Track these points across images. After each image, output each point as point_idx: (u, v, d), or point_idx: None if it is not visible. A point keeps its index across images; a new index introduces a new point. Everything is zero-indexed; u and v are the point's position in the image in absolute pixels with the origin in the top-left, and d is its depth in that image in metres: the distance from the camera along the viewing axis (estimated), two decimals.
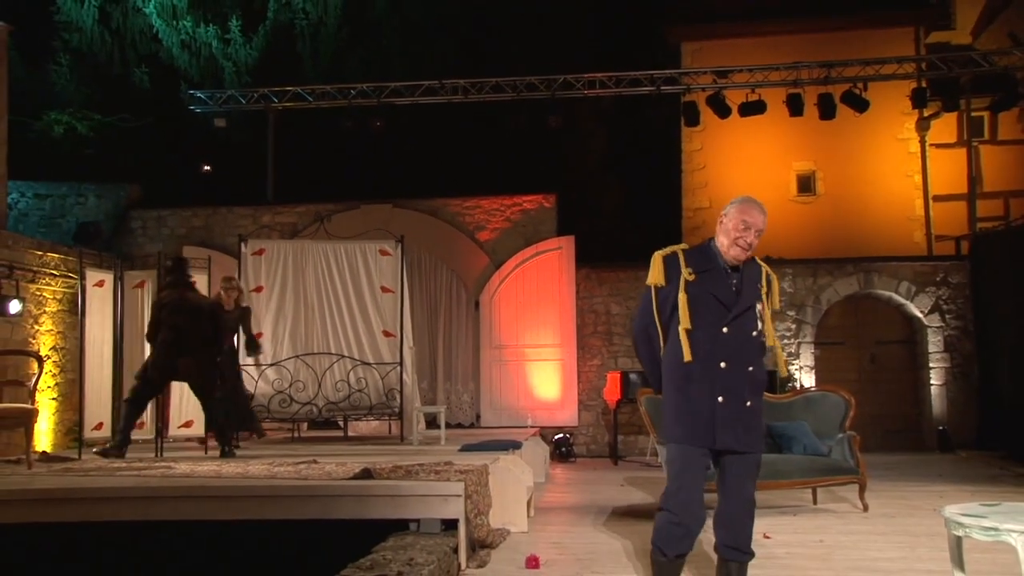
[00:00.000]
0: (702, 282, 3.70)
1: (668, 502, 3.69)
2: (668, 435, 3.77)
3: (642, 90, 13.10)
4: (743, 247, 3.71)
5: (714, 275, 3.73)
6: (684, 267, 3.72)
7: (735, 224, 3.72)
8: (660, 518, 3.71)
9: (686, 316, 3.67)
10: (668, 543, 3.67)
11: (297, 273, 9.45)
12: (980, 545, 3.56)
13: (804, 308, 12.16)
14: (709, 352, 3.66)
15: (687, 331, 3.66)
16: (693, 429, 3.67)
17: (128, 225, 12.70)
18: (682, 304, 3.68)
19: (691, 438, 3.67)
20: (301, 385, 9.15)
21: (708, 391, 3.66)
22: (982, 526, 3.39)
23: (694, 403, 3.66)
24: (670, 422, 3.75)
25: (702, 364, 3.66)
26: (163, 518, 5.19)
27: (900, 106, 14.34)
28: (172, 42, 15.51)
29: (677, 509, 3.66)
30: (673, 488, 3.70)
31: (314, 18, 15.78)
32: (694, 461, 3.69)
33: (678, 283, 3.71)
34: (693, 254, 3.79)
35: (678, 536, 3.66)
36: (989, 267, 11.51)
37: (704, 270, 3.73)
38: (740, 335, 3.71)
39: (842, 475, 6.83)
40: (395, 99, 13.23)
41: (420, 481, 5.26)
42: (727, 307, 3.69)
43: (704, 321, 3.67)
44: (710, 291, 3.70)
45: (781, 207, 15.50)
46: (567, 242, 12.13)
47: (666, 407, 3.78)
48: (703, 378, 3.66)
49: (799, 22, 15.30)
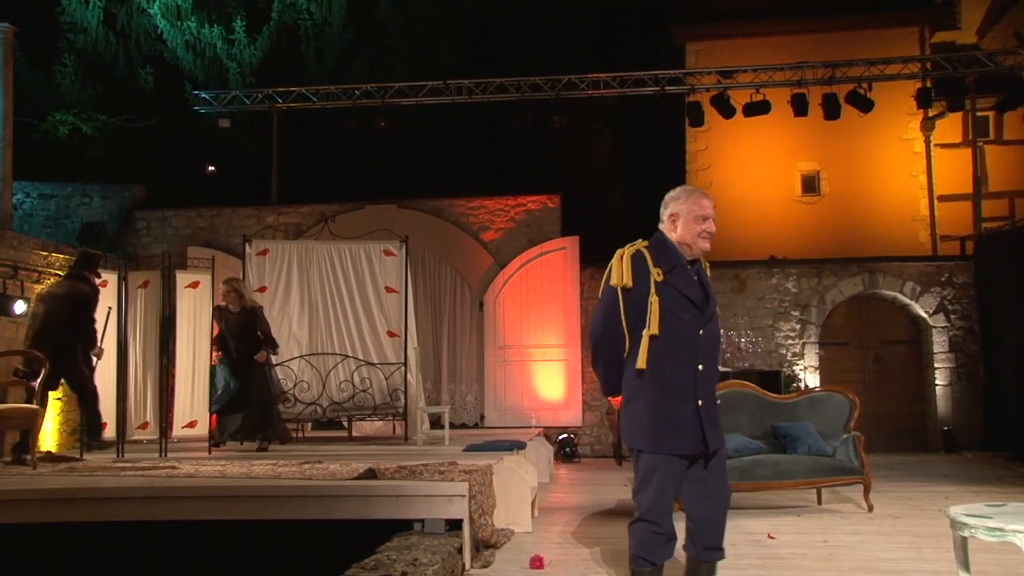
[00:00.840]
0: (671, 282, 3.51)
1: (647, 513, 3.52)
2: (646, 445, 3.54)
3: (646, 90, 13.10)
4: (708, 238, 3.57)
5: (680, 273, 3.54)
6: (652, 266, 3.50)
7: (694, 217, 3.56)
8: (639, 530, 3.55)
9: (655, 321, 3.45)
10: (653, 552, 3.53)
11: (301, 273, 9.46)
12: (985, 545, 3.55)
13: (808, 308, 12.14)
14: (689, 356, 3.50)
15: (652, 337, 3.45)
16: (678, 438, 3.49)
17: (133, 226, 12.73)
18: (653, 308, 3.47)
19: (675, 446, 3.50)
20: (305, 385, 9.15)
21: (690, 396, 3.49)
22: (987, 527, 3.38)
23: (676, 410, 3.48)
24: (647, 431, 3.52)
25: (682, 369, 3.49)
26: (167, 518, 5.20)
27: (905, 106, 14.32)
28: (176, 43, 15.54)
29: (657, 519, 3.51)
30: (650, 499, 3.52)
31: (318, 19, 15.79)
32: (674, 470, 3.53)
33: (647, 285, 3.49)
34: (658, 251, 3.57)
35: (661, 544, 3.54)
36: (994, 267, 11.48)
37: (670, 268, 3.53)
38: (712, 336, 3.58)
39: (847, 475, 6.82)
40: (399, 99, 13.25)
41: (424, 481, 5.26)
42: (699, 308, 3.53)
43: (681, 323, 3.50)
44: (682, 292, 3.52)
45: (785, 207, 15.50)
46: (571, 242, 12.12)
47: (639, 415, 3.54)
48: (684, 384, 3.49)
49: (803, 22, 15.30)
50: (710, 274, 3.73)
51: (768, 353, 12.05)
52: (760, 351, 12.09)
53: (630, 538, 3.59)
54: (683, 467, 3.55)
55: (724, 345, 11.92)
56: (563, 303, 11.92)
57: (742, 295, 12.19)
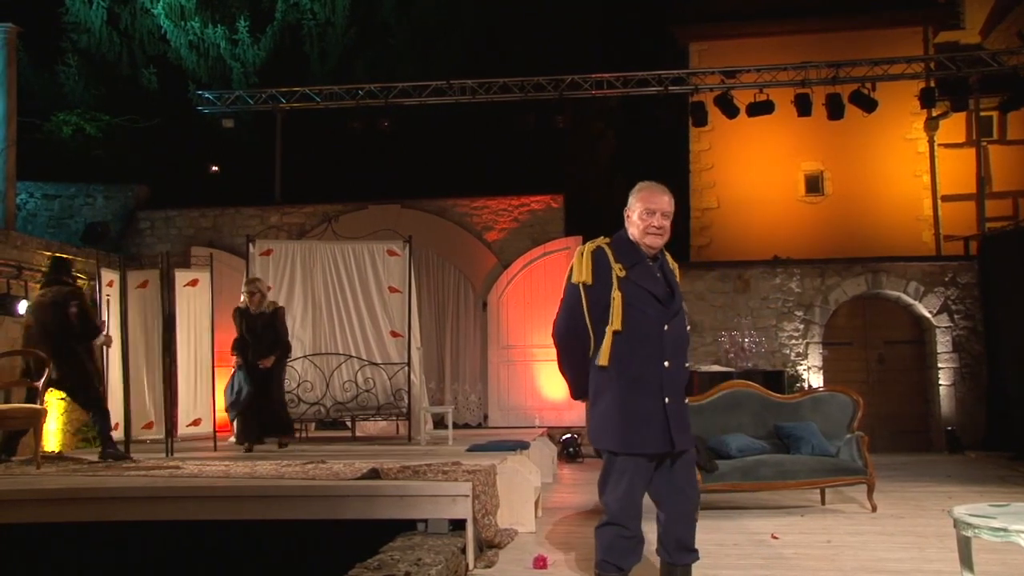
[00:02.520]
0: (634, 278, 3.46)
1: (616, 516, 3.46)
2: (613, 445, 3.46)
3: (650, 90, 13.10)
4: (655, 233, 3.52)
5: (643, 269, 3.50)
6: (614, 263, 3.47)
7: (639, 214, 3.53)
8: (607, 533, 3.49)
9: (618, 317, 3.40)
10: (623, 557, 3.47)
11: (305, 274, 9.46)
12: (989, 546, 3.55)
13: (812, 308, 12.13)
14: (653, 351, 3.45)
15: (616, 333, 3.40)
16: (646, 436, 3.42)
17: (136, 226, 12.75)
18: (616, 304, 3.42)
19: (643, 445, 3.43)
20: (309, 385, 9.16)
21: (656, 393, 3.44)
22: (991, 527, 3.38)
23: (642, 408, 3.42)
24: (613, 431, 3.45)
25: (647, 365, 3.44)
26: (171, 518, 5.20)
27: (909, 106, 14.31)
28: (180, 43, 15.56)
29: (626, 521, 3.45)
30: (617, 501, 3.45)
31: (322, 19, 15.81)
32: (642, 471, 3.47)
33: (609, 280, 3.45)
34: (619, 248, 3.53)
35: (631, 548, 3.48)
36: (998, 267, 11.47)
37: (632, 264, 3.49)
38: (677, 332, 3.53)
39: (850, 475, 6.81)
40: (403, 100, 13.26)
41: (428, 481, 5.26)
42: (663, 304, 3.49)
43: (646, 318, 3.44)
44: (645, 287, 3.47)
45: (789, 207, 15.50)
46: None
47: (605, 414, 3.48)
48: (650, 380, 3.43)
49: (807, 22, 15.30)
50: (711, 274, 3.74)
51: (772, 353, 12.04)
52: (764, 351, 12.08)
53: (597, 542, 3.53)
54: (651, 468, 3.50)
55: (727, 345, 11.92)
56: None
57: (745, 295, 12.18)
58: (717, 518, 6.29)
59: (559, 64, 13.72)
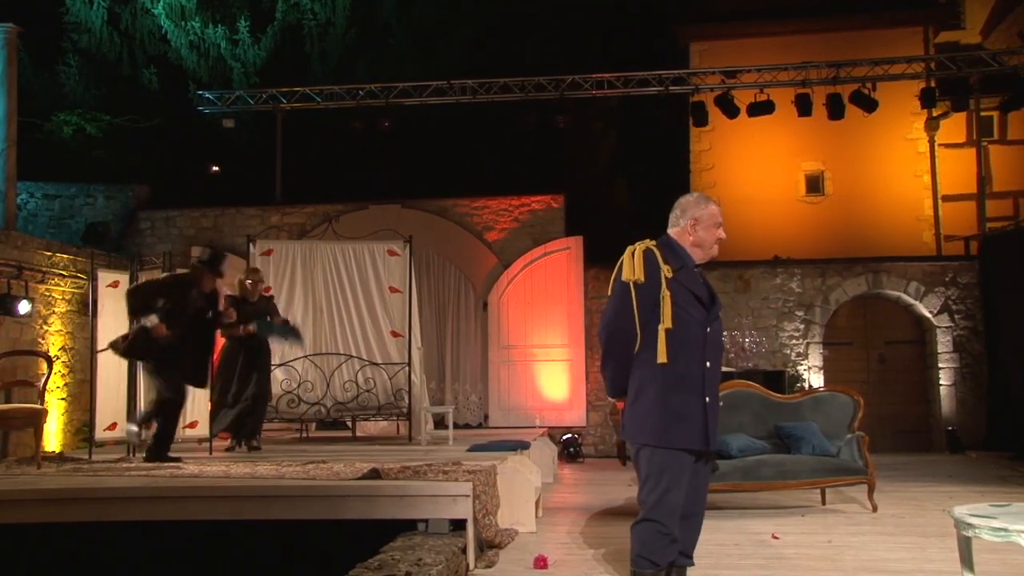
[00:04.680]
0: (680, 280, 3.55)
1: (653, 512, 3.50)
2: (653, 439, 3.54)
3: (650, 90, 13.10)
4: (719, 245, 3.70)
5: (688, 274, 3.60)
6: (663, 264, 3.54)
7: (706, 225, 3.65)
8: (645, 529, 3.53)
9: (668, 315, 3.49)
10: (659, 554, 3.50)
11: (305, 273, 9.46)
12: (990, 546, 3.55)
13: (813, 308, 12.13)
14: (697, 352, 3.54)
15: (667, 331, 3.48)
16: (686, 432, 3.50)
17: (137, 226, 12.76)
18: (666, 302, 3.50)
19: (685, 441, 3.51)
20: (309, 385, 9.16)
21: (698, 392, 3.53)
22: (992, 527, 3.38)
23: (685, 405, 3.51)
24: (655, 425, 3.52)
25: (691, 364, 3.53)
26: (171, 518, 5.20)
27: (909, 106, 14.31)
28: (181, 43, 15.57)
29: (664, 518, 3.49)
30: (657, 496, 3.50)
31: (322, 19, 15.81)
32: (683, 467, 3.53)
33: (658, 280, 3.53)
34: (668, 250, 3.61)
35: (666, 545, 3.51)
36: (998, 267, 11.47)
37: (680, 267, 3.58)
38: (717, 335, 3.64)
39: (851, 475, 6.81)
40: (403, 100, 13.26)
41: (428, 481, 5.26)
42: (706, 307, 3.59)
43: (691, 319, 3.54)
44: (691, 290, 3.57)
45: (790, 207, 15.50)
46: (575, 242, 12.13)
47: (648, 410, 3.54)
48: (694, 379, 3.53)
49: (807, 22, 15.29)
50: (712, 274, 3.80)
51: (772, 353, 12.05)
52: (764, 351, 12.09)
53: (633, 538, 3.57)
54: (690, 465, 3.56)
55: (728, 345, 11.91)
56: (567, 303, 11.93)
57: (746, 295, 12.18)
58: (718, 518, 6.29)
59: (560, 64, 13.72)
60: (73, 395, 10.59)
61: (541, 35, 16.66)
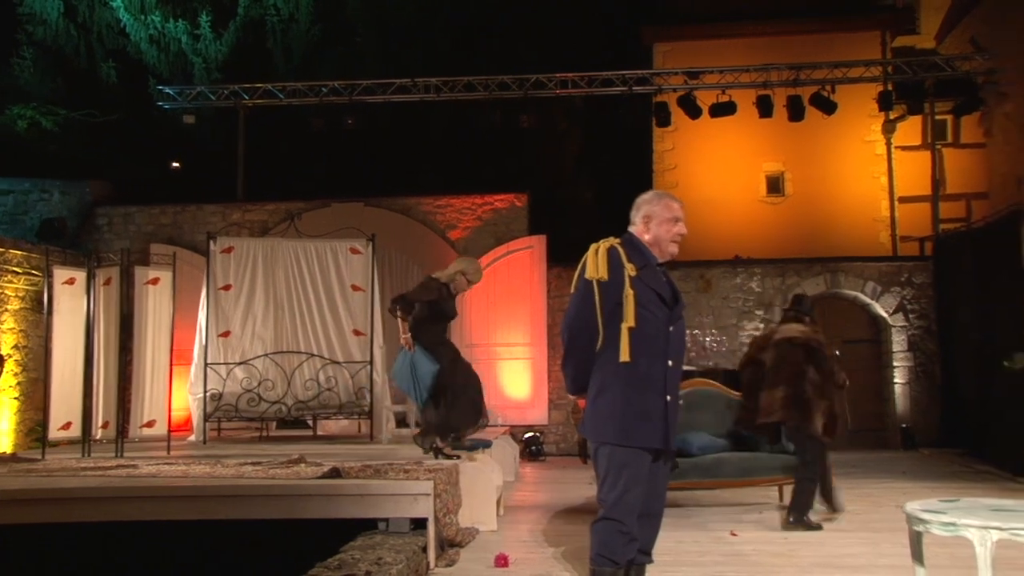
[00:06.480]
0: (644, 279, 3.54)
1: (613, 510, 3.50)
2: (615, 437, 3.52)
3: (614, 90, 13.17)
4: (678, 241, 3.66)
5: (651, 272, 3.59)
6: (626, 262, 3.53)
7: (660, 222, 3.63)
8: (604, 527, 3.52)
9: (632, 314, 3.48)
10: (619, 552, 3.50)
11: (267, 271, 9.39)
12: (940, 540, 3.63)
13: (772, 308, 12.27)
14: (659, 351, 3.54)
15: (631, 329, 3.48)
16: (647, 431, 3.50)
17: (94, 222, 12.54)
18: (629, 300, 3.49)
19: (645, 440, 3.51)
20: (270, 384, 9.09)
21: (659, 391, 3.53)
22: (942, 521, 3.45)
23: (647, 404, 3.50)
24: (616, 424, 3.51)
25: (653, 364, 3.52)
26: (129, 518, 5.13)
27: (867, 108, 14.53)
28: (140, 37, 15.33)
29: (623, 516, 3.49)
30: (617, 495, 3.49)
31: (285, 15, 15.67)
32: (642, 465, 3.53)
33: (622, 278, 3.51)
34: (631, 249, 3.60)
35: (625, 543, 3.51)
36: (951, 268, 11.70)
37: (643, 266, 3.57)
38: (679, 334, 3.64)
39: None
40: (367, 97, 13.19)
41: (389, 480, 5.26)
42: (669, 306, 3.58)
43: (654, 318, 3.53)
44: (654, 288, 3.56)
45: (751, 207, 15.67)
46: (538, 241, 12.15)
47: (609, 408, 3.53)
48: (655, 378, 3.53)
49: (769, 25, 15.47)
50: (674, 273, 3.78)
51: (733, 352, 12.17)
52: (725, 350, 12.21)
53: (593, 537, 3.58)
54: (648, 464, 3.57)
55: (689, 343, 12.02)
56: (530, 302, 11.95)
57: (707, 294, 12.30)
58: (678, 516, 6.36)
59: (526, 62, 13.74)
60: (26, 394, 10.39)
61: (506, 34, 16.67)
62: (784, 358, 6.15)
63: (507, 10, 16.93)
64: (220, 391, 8.94)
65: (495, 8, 16.84)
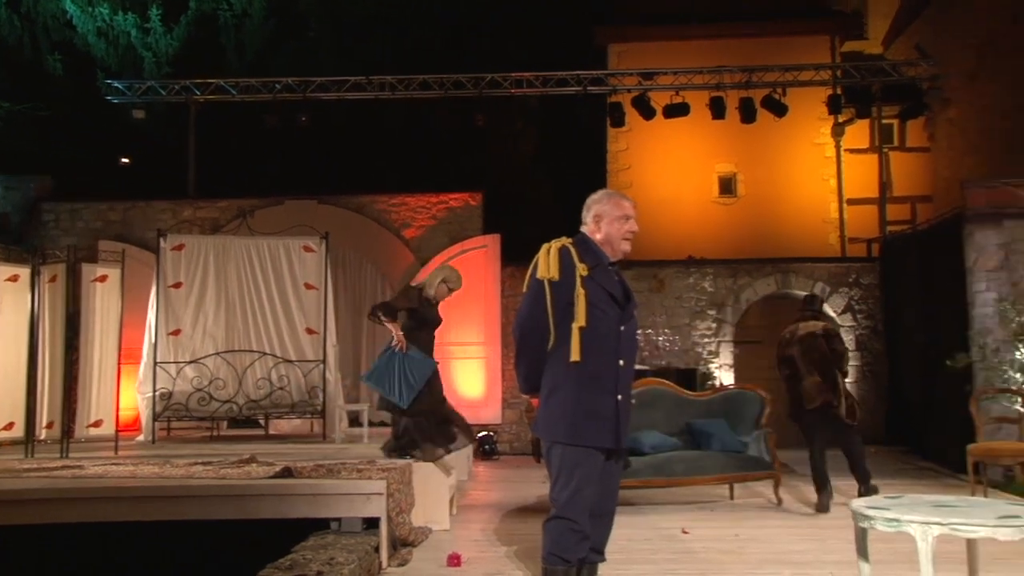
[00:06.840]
0: (596, 278, 3.55)
1: (565, 509, 3.50)
2: (566, 437, 3.53)
3: (569, 90, 13.23)
4: (630, 239, 3.68)
5: (603, 272, 3.61)
6: (578, 262, 3.54)
7: (610, 220, 3.65)
8: (556, 526, 3.53)
9: (583, 314, 3.48)
10: (571, 550, 3.50)
11: (218, 269, 9.27)
12: (884, 536, 3.71)
13: (724, 308, 12.43)
14: (611, 350, 3.55)
15: (582, 329, 3.49)
16: (598, 431, 3.51)
17: (40, 218, 12.25)
18: (580, 300, 3.50)
19: (597, 440, 3.52)
20: (221, 383, 8.97)
21: (610, 391, 3.54)
22: (885, 518, 3.53)
23: (598, 404, 3.51)
24: (568, 423, 3.52)
25: (604, 363, 3.54)
26: (76, 520, 5.03)
27: (817, 111, 14.78)
28: (88, 29, 15.01)
29: (575, 515, 3.50)
30: (569, 494, 3.50)
31: (238, 9, 15.46)
32: (594, 464, 3.54)
33: (573, 278, 3.52)
34: (583, 248, 3.61)
35: (577, 541, 3.52)
36: (898, 269, 11.95)
37: (595, 265, 3.57)
38: (631, 334, 3.66)
39: (758, 471, 7.04)
40: (321, 94, 13.09)
41: (342, 480, 5.23)
42: (620, 305, 3.60)
43: (605, 318, 3.55)
44: (605, 288, 3.57)
45: (703, 208, 15.86)
46: (493, 240, 12.15)
47: (561, 408, 3.54)
48: (606, 377, 3.54)
49: (723, 27, 15.67)
50: (627, 273, 3.80)
51: (685, 351, 12.31)
52: (677, 349, 12.34)
53: (545, 536, 3.59)
54: (600, 463, 3.59)
55: (642, 343, 12.12)
56: (484, 301, 11.95)
57: (660, 294, 12.41)
58: (629, 514, 6.41)
59: (482, 60, 13.74)
60: None
61: (462, 33, 16.64)
62: (813, 348, 6.99)
63: (463, 8, 16.90)
64: (170, 390, 8.81)
65: (451, 6, 16.80)
